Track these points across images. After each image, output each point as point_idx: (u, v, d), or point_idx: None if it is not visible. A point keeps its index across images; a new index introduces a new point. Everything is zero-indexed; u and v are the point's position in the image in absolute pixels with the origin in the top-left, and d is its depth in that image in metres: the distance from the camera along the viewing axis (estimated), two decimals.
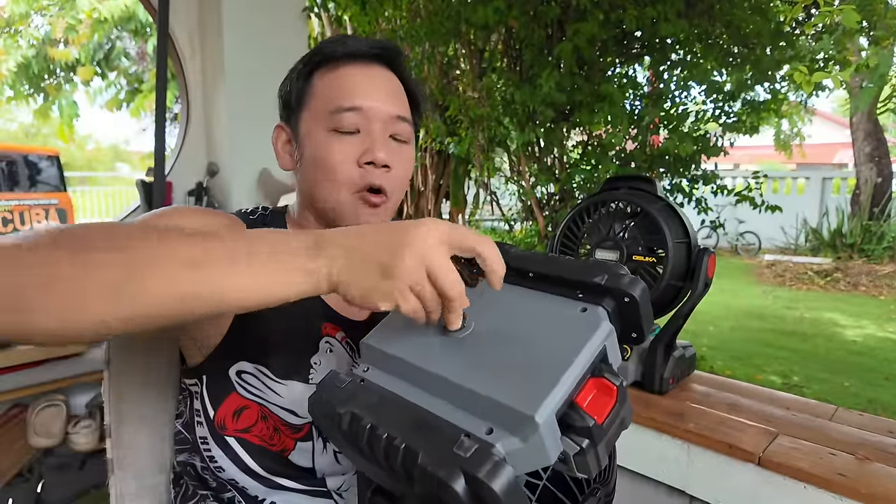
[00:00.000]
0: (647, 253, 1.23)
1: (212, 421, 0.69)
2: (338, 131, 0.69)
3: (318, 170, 0.70)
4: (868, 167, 7.89)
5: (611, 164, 2.44)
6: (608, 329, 0.43)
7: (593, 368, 0.41)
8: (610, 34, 2.43)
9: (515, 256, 0.53)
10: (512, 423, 0.38)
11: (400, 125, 0.71)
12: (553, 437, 0.37)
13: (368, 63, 0.71)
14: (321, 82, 0.71)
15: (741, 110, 2.65)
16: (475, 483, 0.35)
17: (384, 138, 0.70)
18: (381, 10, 2.96)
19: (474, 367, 0.43)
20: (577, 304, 0.45)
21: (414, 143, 0.76)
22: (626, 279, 0.44)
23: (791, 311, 5.45)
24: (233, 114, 2.36)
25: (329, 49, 0.71)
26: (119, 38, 8.02)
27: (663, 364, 1.23)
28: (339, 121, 0.68)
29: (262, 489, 0.70)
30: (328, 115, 0.69)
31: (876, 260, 7.27)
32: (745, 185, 2.70)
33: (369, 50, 0.71)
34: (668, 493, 1.15)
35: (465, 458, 0.36)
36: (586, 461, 0.38)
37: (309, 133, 0.71)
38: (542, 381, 0.39)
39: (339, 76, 0.70)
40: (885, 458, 0.95)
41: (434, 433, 0.39)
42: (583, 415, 0.38)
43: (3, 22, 7.34)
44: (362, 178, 0.69)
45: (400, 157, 0.71)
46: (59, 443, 1.96)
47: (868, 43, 2.92)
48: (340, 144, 0.68)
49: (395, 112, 0.70)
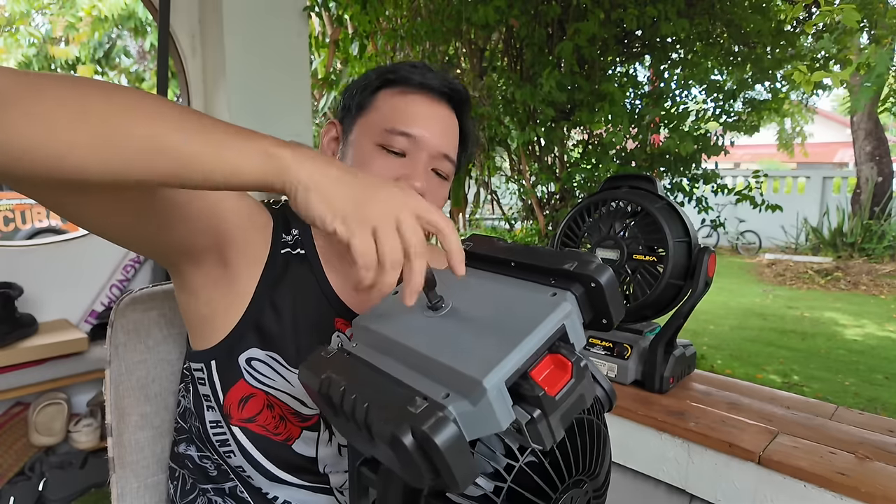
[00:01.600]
0: (647, 252, 1.23)
1: (222, 405, 0.70)
2: (385, 148, 0.71)
3: None
4: (869, 166, 7.88)
5: (611, 163, 2.44)
6: (568, 309, 0.45)
7: (550, 345, 0.43)
8: (610, 33, 2.43)
9: (499, 248, 0.56)
10: (465, 387, 0.40)
11: (444, 163, 0.74)
12: (503, 403, 0.40)
13: (436, 98, 0.74)
14: (387, 99, 0.74)
15: (742, 109, 2.65)
16: (421, 436, 0.37)
17: (426, 169, 0.72)
18: (381, 9, 2.96)
19: (444, 341, 0.46)
20: (549, 289, 0.48)
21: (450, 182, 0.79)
22: (593, 265, 0.47)
23: (791, 310, 5.45)
24: (234, 113, 2.36)
25: (406, 73, 0.74)
26: (119, 36, 8.02)
27: (663, 363, 1.23)
28: (391, 140, 0.71)
29: (266, 482, 0.71)
30: (382, 131, 0.71)
31: (876, 259, 7.27)
32: (746, 185, 2.70)
33: (441, 87, 0.74)
34: (667, 491, 1.15)
35: (415, 415, 0.38)
36: (538, 431, 0.39)
37: (358, 140, 0.74)
38: (498, 352, 0.41)
39: (406, 101, 0.73)
40: (885, 458, 0.96)
41: (395, 395, 0.43)
42: (533, 385, 0.40)
43: (3, 20, 7.34)
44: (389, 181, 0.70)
45: (436, 190, 0.75)
46: (60, 441, 1.96)
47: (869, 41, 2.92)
48: (384, 160, 0.71)
49: (444, 150, 0.73)
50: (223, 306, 0.69)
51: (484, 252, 0.56)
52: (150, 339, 0.84)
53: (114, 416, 0.81)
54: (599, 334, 1.35)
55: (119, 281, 2.20)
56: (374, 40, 3.10)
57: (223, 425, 0.70)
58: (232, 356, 0.69)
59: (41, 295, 2.04)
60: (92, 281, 2.20)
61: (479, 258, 0.57)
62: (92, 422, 2.01)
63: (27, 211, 6.37)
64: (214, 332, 0.70)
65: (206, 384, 0.70)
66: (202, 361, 0.71)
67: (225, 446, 0.71)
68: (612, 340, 1.32)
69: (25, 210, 6.36)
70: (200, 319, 0.71)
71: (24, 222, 6.30)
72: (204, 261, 0.67)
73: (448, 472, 0.37)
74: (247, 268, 0.70)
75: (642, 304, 1.23)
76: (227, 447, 0.70)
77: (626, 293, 1.27)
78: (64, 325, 2.02)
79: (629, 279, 1.25)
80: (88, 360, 1.98)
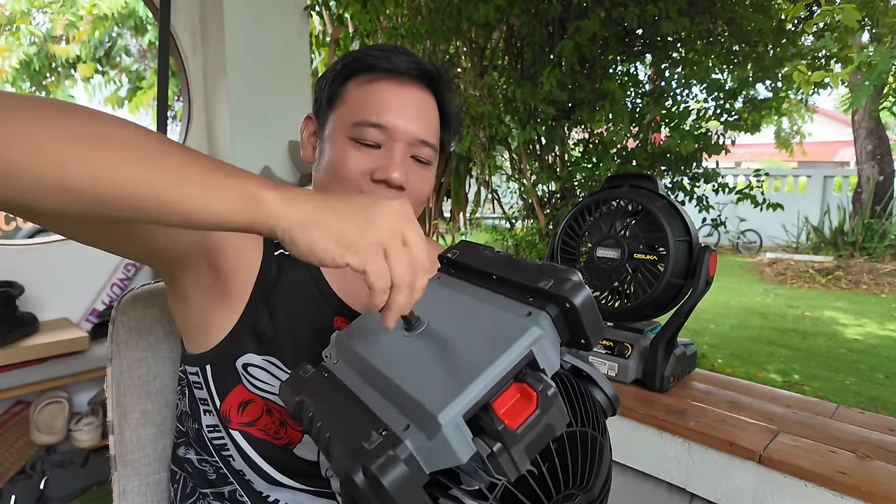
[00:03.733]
0: (648, 251, 1.23)
1: (219, 410, 0.69)
2: (358, 142, 0.68)
3: (331, 173, 0.70)
4: (870, 165, 7.87)
5: (612, 162, 2.44)
6: (537, 334, 0.43)
7: (516, 373, 0.41)
8: (611, 32, 2.42)
9: (483, 259, 0.54)
10: (423, 421, 0.40)
11: (424, 149, 0.71)
12: (461, 438, 0.39)
13: (406, 82, 0.70)
14: (355, 90, 0.70)
15: (742, 108, 2.64)
16: (370, 476, 0.37)
17: (404, 159, 0.69)
18: (382, 8, 2.96)
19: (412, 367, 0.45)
20: (525, 307, 0.46)
21: (436, 164, 0.75)
22: (568, 285, 0.44)
23: (792, 310, 5.45)
24: (234, 111, 2.37)
25: (371, 59, 0.70)
26: (120, 35, 8.01)
27: (664, 362, 1.23)
28: (362, 133, 0.68)
29: (266, 486, 0.70)
30: (353, 124, 0.68)
31: (877, 258, 7.26)
32: (747, 184, 2.70)
33: (410, 69, 0.70)
34: (668, 490, 1.15)
35: (367, 451, 0.38)
36: (499, 464, 0.38)
37: (332, 135, 0.71)
38: (458, 383, 0.40)
39: (374, 89, 0.69)
40: (885, 457, 0.96)
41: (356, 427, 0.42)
42: (493, 418, 0.39)
43: (3, 19, 7.34)
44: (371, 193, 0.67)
45: (417, 177, 0.71)
46: (61, 440, 1.97)
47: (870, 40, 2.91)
48: (358, 154, 0.68)
49: (420, 135, 0.69)
50: (217, 312, 0.68)
51: (468, 262, 0.55)
52: (152, 336, 0.84)
53: (115, 414, 0.81)
54: None
55: (120, 280, 2.20)
56: (375, 39, 3.09)
57: (221, 429, 0.69)
58: (228, 361, 0.68)
59: (42, 294, 2.04)
60: (93, 280, 2.20)
61: (464, 268, 0.56)
62: (93, 420, 2.01)
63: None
64: (209, 337, 0.69)
65: (203, 388, 0.69)
66: (197, 365, 0.70)
67: (224, 450, 0.70)
68: (612, 339, 1.32)
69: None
70: (194, 325, 0.70)
71: (25, 221, 6.31)
72: (194, 267, 0.65)
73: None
74: (239, 273, 0.68)
75: (643, 304, 1.23)
76: (227, 451, 0.70)
77: (627, 292, 1.27)
78: (65, 324, 2.02)
79: (630, 278, 1.25)
80: (89, 359, 1.98)
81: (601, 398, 0.56)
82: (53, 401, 1.95)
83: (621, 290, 1.29)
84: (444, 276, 0.49)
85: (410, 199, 0.70)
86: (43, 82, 8.03)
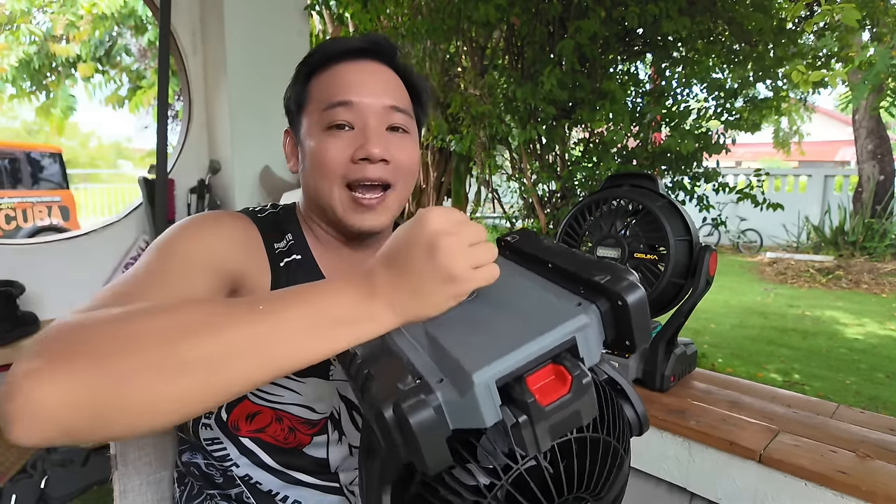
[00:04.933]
0: (648, 250, 1.23)
1: (224, 423, 0.69)
2: (331, 127, 0.68)
3: (314, 167, 0.69)
4: (870, 164, 7.87)
5: (612, 161, 2.44)
6: (583, 322, 0.43)
7: (555, 355, 0.42)
8: (612, 31, 2.42)
9: (541, 247, 0.55)
10: (458, 377, 0.41)
11: (396, 115, 0.70)
12: (490, 401, 0.40)
13: (360, 59, 0.71)
14: (317, 83, 0.71)
15: (743, 108, 2.64)
16: (400, 413, 0.38)
17: (379, 132, 0.68)
18: (382, 7, 2.96)
19: (458, 330, 0.47)
20: (576, 298, 0.47)
21: (417, 134, 0.75)
22: (625, 283, 0.45)
23: (792, 309, 5.45)
24: (234, 111, 2.37)
25: (322, 50, 0.71)
26: (120, 34, 8.02)
27: (664, 361, 1.23)
28: (332, 116, 0.68)
29: (277, 483, 0.71)
30: (322, 113, 0.68)
31: (878, 258, 7.25)
32: (747, 183, 2.70)
33: (360, 45, 0.71)
34: (668, 490, 1.15)
35: (401, 391, 0.39)
36: (522, 436, 0.39)
37: (307, 134, 0.71)
38: (497, 350, 0.41)
39: (332, 74, 0.70)
40: (886, 456, 0.96)
41: (395, 371, 0.43)
42: (525, 390, 0.40)
43: (3, 18, 7.34)
44: (355, 173, 0.67)
45: (400, 147, 0.70)
46: None
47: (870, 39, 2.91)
48: (335, 140, 0.68)
49: (388, 103, 0.69)
50: None
51: (525, 248, 0.56)
52: None
53: None
54: None
55: None
56: None
57: (221, 441, 0.70)
58: None
59: (43, 293, 2.04)
60: (93, 279, 2.20)
61: (521, 254, 0.57)
62: None
63: (28, 209, 6.37)
64: None
65: None
66: None
67: (226, 461, 0.71)
68: None
69: (27, 209, 6.36)
70: None
71: (25, 220, 6.31)
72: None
73: (418, 452, 0.38)
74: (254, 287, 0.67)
75: None
76: (228, 462, 0.70)
77: None
78: None
79: None
80: None
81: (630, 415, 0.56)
82: None
83: None
84: (500, 257, 0.50)
85: (397, 170, 0.69)
86: (43, 81, 8.03)
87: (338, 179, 0.68)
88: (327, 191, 0.69)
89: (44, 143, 8.74)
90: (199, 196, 2.49)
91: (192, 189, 2.49)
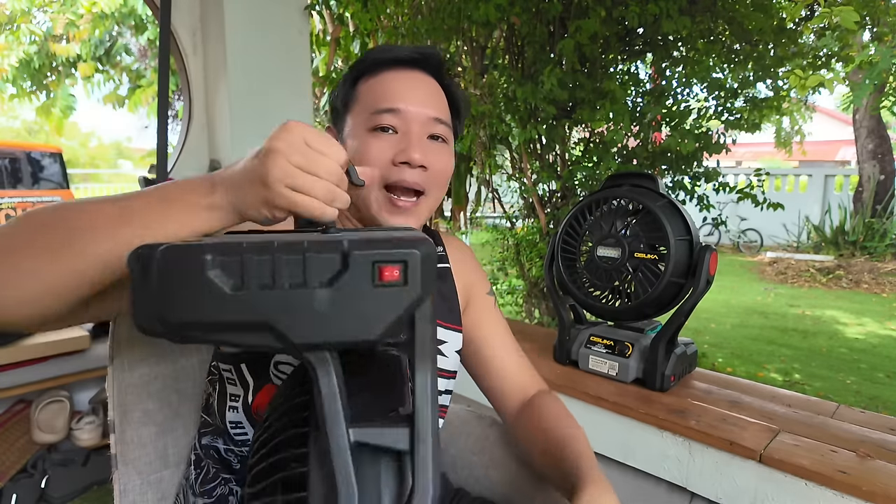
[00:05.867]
0: (648, 250, 1.23)
1: (249, 406, 0.71)
2: (376, 129, 0.72)
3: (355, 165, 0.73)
4: (871, 164, 7.86)
5: (612, 161, 2.44)
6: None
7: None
8: (612, 31, 2.42)
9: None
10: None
11: (438, 126, 0.74)
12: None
13: (409, 68, 0.75)
14: (365, 87, 0.75)
15: (743, 107, 2.64)
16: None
17: (421, 139, 0.72)
18: (382, 7, 2.95)
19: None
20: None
21: (453, 144, 0.78)
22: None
23: (793, 309, 5.45)
24: (235, 111, 2.36)
25: (373, 56, 0.75)
26: (120, 33, 8.02)
27: (665, 361, 1.23)
28: (378, 120, 0.71)
29: None
30: (368, 115, 0.72)
31: (878, 257, 7.25)
32: (747, 183, 2.69)
33: (410, 55, 0.75)
34: (668, 489, 1.15)
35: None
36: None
37: (351, 133, 0.75)
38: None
39: (381, 80, 0.74)
40: (886, 456, 0.96)
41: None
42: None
43: (4, 18, 7.34)
44: (394, 175, 0.71)
45: (438, 155, 0.74)
46: (62, 439, 1.97)
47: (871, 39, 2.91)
48: (378, 142, 0.71)
49: (432, 114, 0.73)
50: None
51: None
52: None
53: (116, 413, 0.81)
54: (600, 332, 1.35)
55: None
56: (375, 38, 3.09)
57: (244, 425, 0.71)
58: (262, 359, 0.70)
59: None
60: None
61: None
62: (94, 419, 2.01)
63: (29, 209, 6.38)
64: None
65: (238, 384, 0.71)
66: (231, 364, 0.72)
67: (246, 446, 0.72)
68: (613, 339, 1.32)
69: (27, 208, 6.37)
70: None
71: None
72: None
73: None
74: None
75: (643, 303, 1.23)
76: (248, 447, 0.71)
77: (628, 291, 1.27)
78: None
79: (630, 277, 1.25)
80: (90, 358, 1.98)
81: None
82: (54, 400, 1.96)
83: (622, 289, 1.29)
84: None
85: (432, 178, 0.73)
86: (43, 81, 8.03)
87: (377, 180, 0.71)
88: (366, 190, 0.72)
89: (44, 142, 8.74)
90: None
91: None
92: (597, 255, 1.30)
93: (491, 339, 0.88)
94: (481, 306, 0.89)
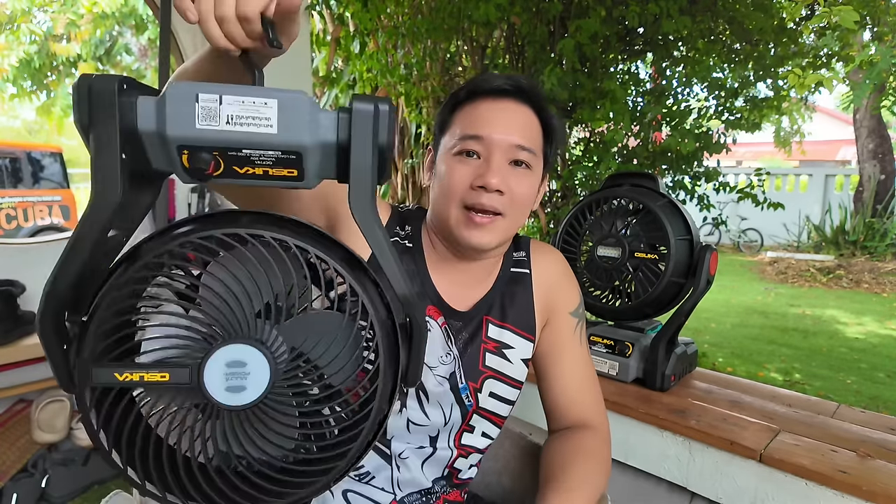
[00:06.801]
0: (649, 250, 1.23)
1: None
2: (461, 154, 0.77)
3: (440, 186, 0.79)
4: (871, 164, 7.86)
5: (613, 160, 2.44)
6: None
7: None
8: (612, 31, 2.42)
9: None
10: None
11: (521, 152, 0.77)
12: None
13: (502, 98, 0.78)
14: (459, 114, 0.80)
15: (743, 107, 2.64)
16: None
17: (502, 165, 0.76)
18: (382, 7, 2.95)
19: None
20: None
21: (540, 171, 0.81)
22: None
23: (793, 308, 5.44)
24: None
25: (472, 85, 0.80)
26: (120, 33, 8.02)
27: (665, 361, 1.23)
28: (463, 146, 0.76)
29: None
30: (457, 141, 0.77)
31: (879, 257, 7.25)
32: (748, 182, 2.70)
33: (504, 84, 0.78)
34: (668, 489, 1.15)
35: None
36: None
37: (442, 156, 0.80)
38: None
39: (474, 108, 0.78)
40: (886, 456, 0.96)
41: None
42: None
43: (4, 18, 7.34)
44: (472, 198, 0.75)
45: (518, 180, 0.77)
46: (63, 438, 1.97)
47: (871, 38, 2.91)
48: (461, 166, 0.76)
49: (515, 141, 0.76)
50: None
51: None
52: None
53: None
54: (601, 332, 1.35)
55: None
56: (376, 38, 3.09)
57: None
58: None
59: None
60: None
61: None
62: None
63: (29, 209, 6.38)
64: None
65: None
66: None
67: None
68: (613, 338, 1.32)
69: (28, 208, 6.36)
70: None
71: (26, 220, 6.31)
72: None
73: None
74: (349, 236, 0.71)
75: (644, 302, 1.23)
76: None
77: (628, 291, 1.27)
78: None
79: (631, 277, 1.25)
80: None
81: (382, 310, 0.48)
82: (55, 399, 1.96)
83: (622, 288, 1.29)
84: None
85: (511, 202, 0.76)
86: (44, 80, 8.03)
87: (457, 200, 0.76)
88: (447, 208, 0.77)
89: (44, 142, 8.74)
90: (199, 195, 2.49)
91: (193, 188, 2.49)
92: (597, 255, 1.30)
93: (562, 362, 0.87)
94: (561, 325, 0.88)
